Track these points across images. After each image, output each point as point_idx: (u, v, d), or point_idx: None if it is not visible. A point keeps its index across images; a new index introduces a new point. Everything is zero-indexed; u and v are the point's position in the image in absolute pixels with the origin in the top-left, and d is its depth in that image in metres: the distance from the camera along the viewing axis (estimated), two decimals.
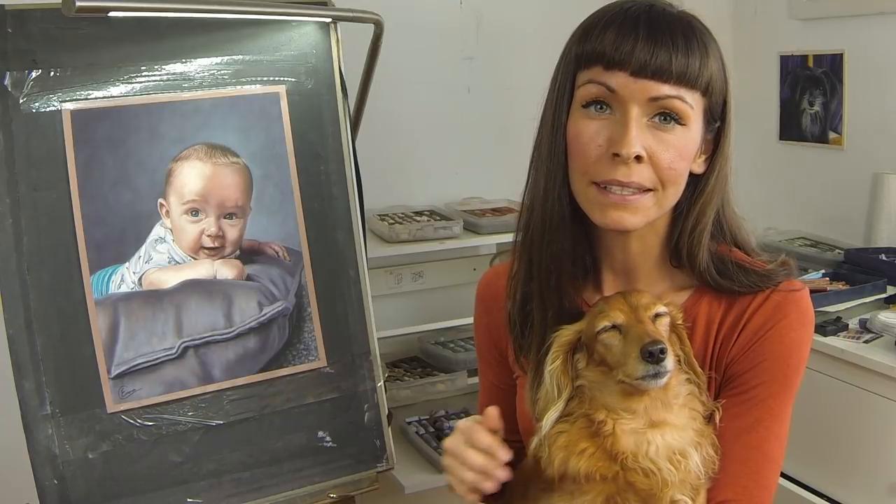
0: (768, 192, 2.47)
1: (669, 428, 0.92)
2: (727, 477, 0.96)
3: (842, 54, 2.25)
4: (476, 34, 2.43)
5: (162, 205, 1.55)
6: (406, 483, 1.94)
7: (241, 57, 1.61)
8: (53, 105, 1.47)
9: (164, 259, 1.54)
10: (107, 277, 1.50)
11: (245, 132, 1.61)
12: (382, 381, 1.70)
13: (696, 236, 0.99)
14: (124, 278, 1.51)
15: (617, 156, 0.92)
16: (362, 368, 1.68)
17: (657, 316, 0.94)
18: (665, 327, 0.95)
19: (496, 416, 1.01)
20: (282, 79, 1.64)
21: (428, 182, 2.43)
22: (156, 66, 1.54)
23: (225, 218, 1.59)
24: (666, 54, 0.91)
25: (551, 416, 0.96)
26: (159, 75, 1.55)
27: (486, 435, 1.00)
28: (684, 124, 0.94)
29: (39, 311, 1.44)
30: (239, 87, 1.61)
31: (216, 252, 1.59)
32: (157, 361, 1.52)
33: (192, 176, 1.56)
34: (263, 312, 1.61)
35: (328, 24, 1.68)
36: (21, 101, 1.44)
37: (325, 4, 1.69)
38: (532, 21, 2.43)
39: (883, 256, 2.05)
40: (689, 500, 0.92)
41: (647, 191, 0.95)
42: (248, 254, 1.61)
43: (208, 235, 1.58)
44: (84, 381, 1.47)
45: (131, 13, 1.43)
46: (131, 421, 1.50)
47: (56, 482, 1.44)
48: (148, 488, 1.50)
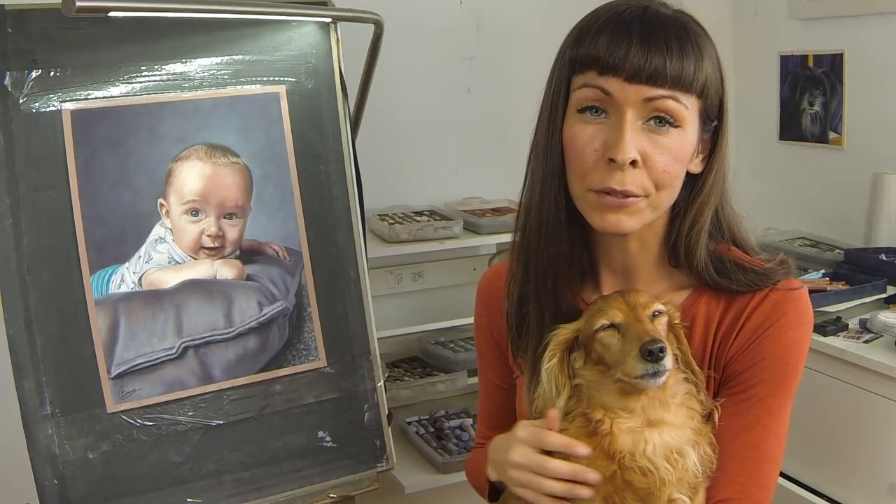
0: (768, 192, 2.47)
1: (667, 427, 0.92)
2: (726, 476, 0.96)
3: (842, 54, 2.25)
4: (476, 34, 2.43)
5: (162, 205, 1.55)
6: (406, 483, 1.95)
7: (241, 57, 1.61)
8: (53, 105, 1.47)
9: (164, 259, 1.55)
10: (107, 277, 1.50)
11: (245, 132, 1.61)
12: (382, 381, 1.70)
13: (694, 236, 0.99)
14: (124, 278, 1.51)
15: (612, 161, 0.92)
16: (362, 368, 1.68)
17: (655, 315, 0.94)
18: (663, 326, 0.95)
19: (558, 417, 0.95)
20: (282, 79, 1.64)
21: (428, 182, 2.43)
22: (156, 66, 1.54)
23: (225, 218, 1.59)
24: (660, 58, 0.91)
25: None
26: (159, 75, 1.55)
27: (557, 435, 0.94)
28: (679, 126, 0.94)
29: (39, 311, 1.44)
30: (239, 87, 1.61)
31: (216, 252, 1.59)
32: (157, 361, 1.52)
33: (192, 176, 1.56)
34: (263, 312, 1.61)
35: (328, 24, 1.68)
36: (21, 101, 1.44)
37: (325, 4, 1.69)
38: (532, 21, 2.43)
39: (883, 256, 2.04)
40: (686, 499, 0.92)
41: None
42: (248, 254, 1.61)
43: (208, 235, 1.58)
44: (84, 381, 1.47)
45: (131, 13, 1.43)
46: (131, 421, 1.50)
47: (56, 482, 1.44)
48: (148, 488, 1.50)
